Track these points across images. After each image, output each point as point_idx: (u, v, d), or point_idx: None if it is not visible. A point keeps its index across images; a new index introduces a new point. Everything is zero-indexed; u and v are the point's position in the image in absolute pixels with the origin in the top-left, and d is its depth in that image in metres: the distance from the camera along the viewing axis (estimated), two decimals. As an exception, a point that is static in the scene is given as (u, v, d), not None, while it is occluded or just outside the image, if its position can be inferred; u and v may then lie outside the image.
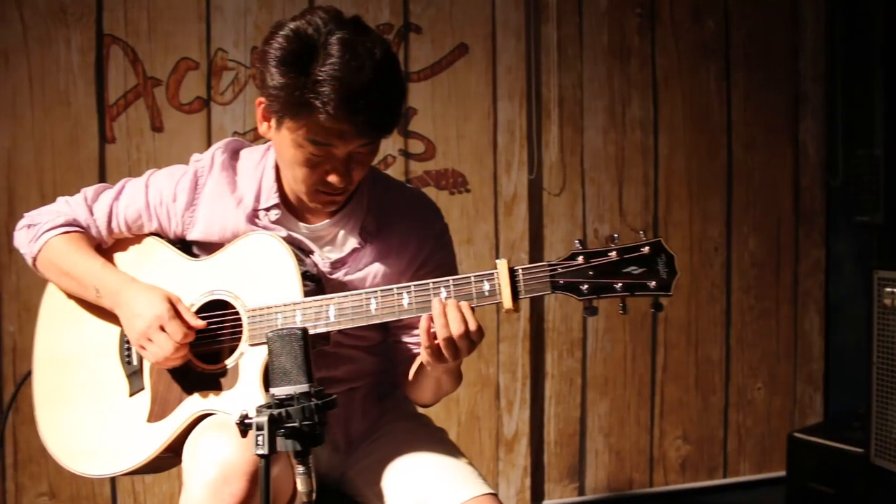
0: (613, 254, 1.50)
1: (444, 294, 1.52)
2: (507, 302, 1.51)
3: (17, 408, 2.13)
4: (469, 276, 1.53)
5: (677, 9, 3.16)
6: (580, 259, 1.51)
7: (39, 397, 1.79)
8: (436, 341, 1.51)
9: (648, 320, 3.19)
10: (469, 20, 2.97)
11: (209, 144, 2.72)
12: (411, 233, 1.74)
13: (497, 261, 1.52)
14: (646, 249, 1.50)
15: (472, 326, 1.50)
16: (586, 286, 1.50)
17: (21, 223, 1.80)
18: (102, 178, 2.71)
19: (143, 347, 1.64)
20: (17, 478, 2.75)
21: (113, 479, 2.76)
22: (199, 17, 2.79)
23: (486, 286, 1.52)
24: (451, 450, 1.78)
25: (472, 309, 1.52)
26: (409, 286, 1.54)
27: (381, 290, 1.56)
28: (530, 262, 1.55)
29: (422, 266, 1.72)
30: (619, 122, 3.13)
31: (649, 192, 3.17)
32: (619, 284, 1.49)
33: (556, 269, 1.51)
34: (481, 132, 2.98)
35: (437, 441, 1.79)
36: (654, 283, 1.49)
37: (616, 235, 1.52)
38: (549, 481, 3.13)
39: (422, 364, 1.66)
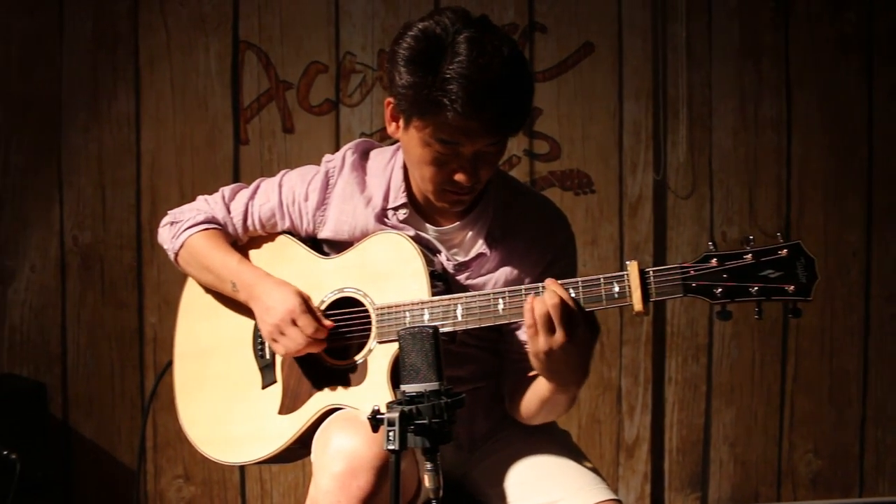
0: (749, 256, 1.44)
1: (572, 294, 1.51)
2: (638, 304, 1.48)
3: (157, 394, 2.25)
4: (598, 278, 1.51)
5: (814, 1, 3.03)
6: (713, 261, 1.46)
7: (179, 386, 1.88)
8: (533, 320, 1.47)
9: (778, 327, 3.06)
10: (595, 19, 2.93)
11: (337, 145, 2.81)
12: (536, 240, 1.73)
13: (627, 262, 1.49)
14: (784, 252, 1.43)
15: (568, 300, 1.46)
16: (720, 289, 1.45)
17: (164, 220, 1.90)
18: (236, 178, 2.83)
19: (274, 340, 1.69)
20: (157, 460, 2.91)
21: (242, 467, 2.87)
22: (329, 21, 2.87)
23: (616, 288, 1.50)
24: (575, 453, 1.76)
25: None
26: (538, 286, 1.53)
27: (510, 291, 1.56)
28: (655, 265, 1.51)
29: (543, 274, 1.69)
30: (750, 122, 3.02)
31: (781, 194, 3.04)
32: (756, 288, 1.44)
33: (688, 272, 1.47)
34: (607, 132, 2.94)
35: (561, 444, 1.78)
36: (792, 288, 1.43)
37: (751, 238, 1.47)
38: (671, 489, 3.06)
39: (533, 376, 1.64)
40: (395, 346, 1.60)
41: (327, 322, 1.68)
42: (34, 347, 2.90)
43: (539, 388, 1.63)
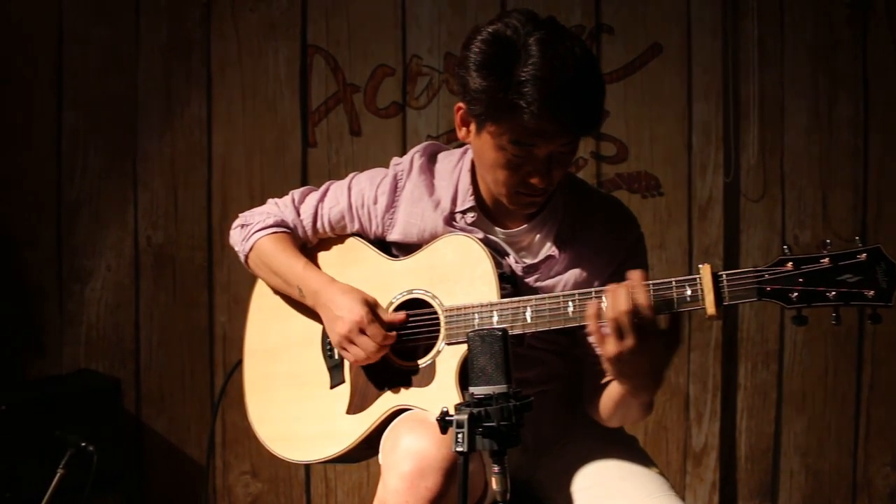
0: (826, 260, 1.41)
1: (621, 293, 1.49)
2: (711, 308, 1.45)
3: (226, 392, 2.29)
4: (670, 281, 1.49)
5: (895, -5, 2.93)
6: (789, 265, 1.43)
7: (248, 384, 1.91)
8: (603, 327, 1.47)
9: (854, 333, 2.96)
10: (663, 19, 2.89)
11: (404, 147, 2.83)
12: (605, 242, 1.71)
13: (700, 266, 1.47)
14: (863, 256, 1.39)
15: (644, 305, 1.44)
16: (796, 294, 1.42)
17: (235, 223, 1.93)
18: (305, 181, 2.87)
19: (344, 349, 1.72)
20: (225, 456, 2.97)
21: (308, 465, 2.90)
22: (396, 25, 2.89)
23: (688, 291, 1.48)
24: (644, 459, 1.73)
25: (649, 295, 1.46)
26: (608, 289, 1.52)
27: (579, 294, 1.55)
28: (725, 269, 1.49)
29: (613, 276, 1.67)
30: (824, 122, 2.93)
31: (857, 196, 2.94)
32: (833, 293, 1.40)
33: (762, 276, 1.44)
34: (675, 134, 2.89)
35: (629, 450, 1.76)
36: (872, 293, 1.38)
37: (828, 241, 1.43)
38: (740, 499, 2.99)
39: (610, 381, 1.63)
40: (464, 347, 1.61)
41: (398, 315, 1.70)
42: (109, 344, 2.99)
43: (612, 391, 1.63)
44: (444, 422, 1.30)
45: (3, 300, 2.96)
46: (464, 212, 1.72)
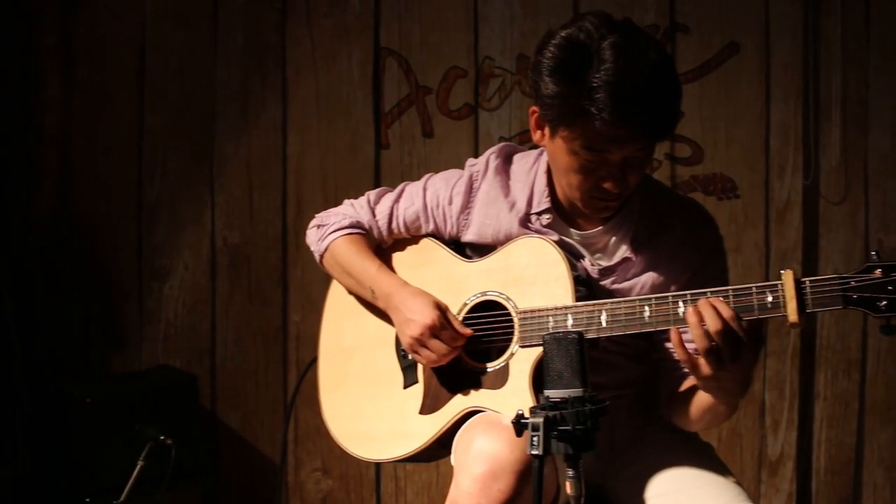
0: (919, 267, 1.36)
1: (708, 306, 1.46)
2: (793, 315, 1.42)
3: (299, 390, 2.33)
4: (750, 287, 1.46)
5: (985, -12, 2.81)
6: (877, 272, 1.38)
7: (322, 383, 1.94)
8: (693, 352, 1.45)
9: (942, 342, 2.86)
10: (740, 17, 2.82)
11: (476, 149, 2.83)
12: (683, 245, 1.68)
13: (782, 272, 1.44)
14: (959, 263, 1.34)
15: (730, 320, 1.40)
16: (885, 302, 1.37)
17: (312, 223, 1.96)
18: (378, 182, 2.90)
19: (415, 352, 1.73)
20: (297, 453, 3.02)
21: (379, 464, 2.93)
22: (468, 26, 2.89)
23: (770, 297, 1.44)
24: (719, 467, 1.70)
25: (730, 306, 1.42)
26: (686, 294, 1.49)
27: (656, 298, 1.53)
28: (805, 274, 1.45)
29: (692, 279, 1.65)
30: (912, 120, 2.84)
31: (947, 199, 2.84)
32: (926, 302, 1.35)
33: (848, 283, 1.40)
34: (752, 135, 2.82)
35: (705, 457, 1.73)
36: (968, 302, 1.33)
37: None
38: (817, 511, 2.91)
39: (692, 386, 1.61)
40: (538, 350, 1.61)
41: (467, 330, 1.70)
42: (186, 341, 3.07)
43: (700, 400, 1.60)
44: (519, 424, 1.30)
45: (87, 297, 3.07)
46: (539, 213, 1.72)
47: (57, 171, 3.09)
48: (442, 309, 1.71)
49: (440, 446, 1.75)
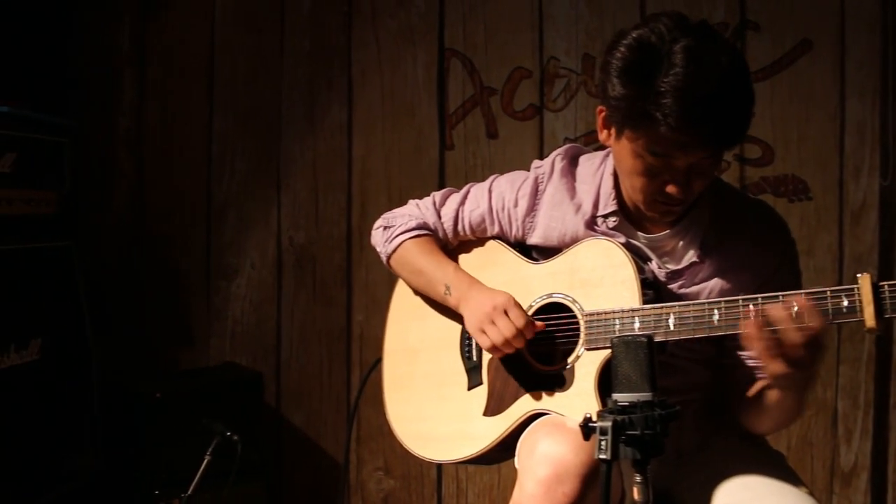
0: None
1: (795, 307, 1.42)
2: (870, 320, 1.37)
3: (363, 390, 2.35)
4: (825, 291, 1.42)
5: None
6: (961, 276, 1.33)
7: (387, 383, 1.95)
8: (762, 350, 1.43)
9: None
10: (813, 13, 2.75)
11: (541, 150, 2.82)
12: (754, 250, 1.65)
13: (858, 275, 1.39)
14: None
15: (807, 326, 1.39)
16: (969, 308, 1.32)
17: (377, 224, 1.97)
18: (442, 183, 2.91)
19: (483, 332, 1.70)
20: (359, 452, 3.04)
21: (440, 464, 2.94)
22: (532, 26, 2.88)
23: (845, 302, 1.40)
24: (790, 476, 1.66)
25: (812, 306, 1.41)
26: (756, 298, 1.46)
27: (726, 301, 1.49)
28: (881, 279, 1.40)
29: (763, 286, 1.60)
30: None
31: None
32: None
33: (928, 287, 1.35)
34: (825, 134, 2.75)
35: (776, 465, 1.69)
36: None
37: None
38: (894, 525, 2.81)
39: (763, 389, 1.58)
40: (604, 353, 1.59)
41: (538, 323, 1.69)
42: (252, 339, 3.12)
43: (769, 399, 1.59)
44: (587, 428, 1.29)
45: (157, 296, 3.15)
46: (605, 216, 1.70)
47: (131, 173, 3.18)
48: (514, 298, 1.71)
49: (504, 449, 1.74)
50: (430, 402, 1.85)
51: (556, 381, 1.67)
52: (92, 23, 3.17)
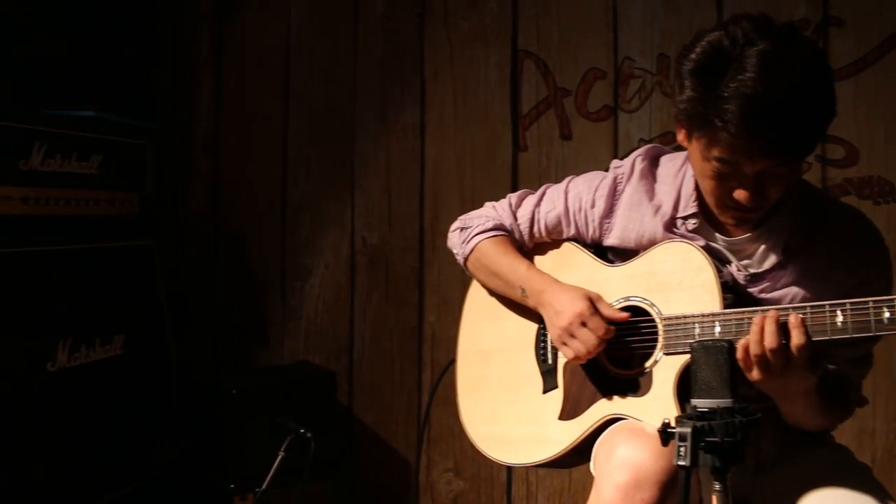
0: None
1: (886, 314, 1.38)
2: None
3: (436, 391, 2.35)
4: (867, 301, 1.38)
5: None
6: None
7: (461, 385, 1.96)
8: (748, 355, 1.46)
9: None
10: (902, 8, 2.66)
11: (615, 151, 2.78)
12: (841, 256, 1.59)
13: None
14: None
15: (796, 341, 1.42)
16: None
17: (454, 226, 1.98)
18: (515, 185, 2.90)
19: (563, 343, 1.71)
20: (430, 452, 3.06)
21: (510, 467, 2.93)
22: (607, 26, 2.85)
23: (886, 314, 1.36)
24: (878, 492, 1.59)
25: (804, 324, 1.42)
26: (845, 304, 1.42)
27: (812, 307, 1.45)
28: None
29: (850, 294, 1.55)
30: None
31: None
32: None
33: None
34: (914, 134, 2.65)
35: (861, 479, 1.63)
36: None
37: None
38: None
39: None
40: (682, 358, 1.57)
41: (621, 314, 1.67)
42: (326, 338, 3.16)
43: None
44: (665, 434, 1.27)
45: (234, 295, 3.22)
46: (685, 217, 1.67)
47: (208, 174, 3.26)
48: (593, 299, 1.70)
49: (578, 453, 1.73)
50: (505, 405, 1.84)
51: (634, 385, 1.65)
52: (172, 29, 3.27)
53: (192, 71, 3.26)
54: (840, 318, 1.42)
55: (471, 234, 1.90)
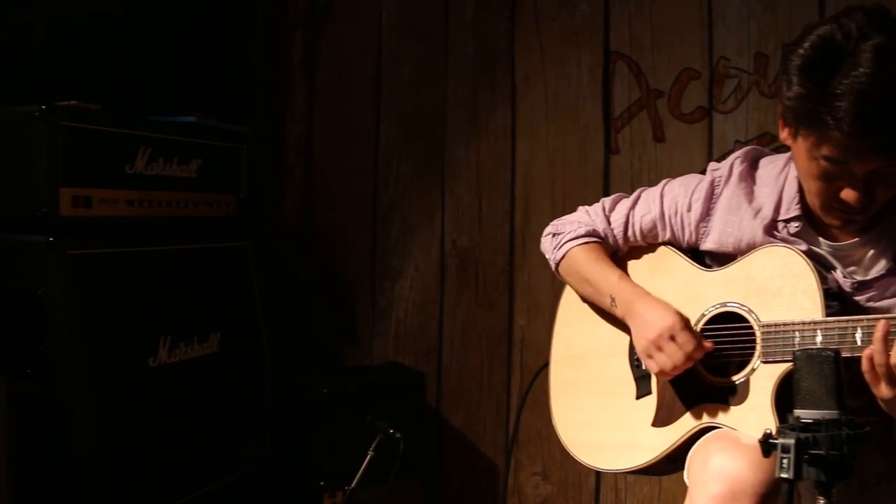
0: None
1: None
2: None
3: (528, 395, 2.34)
4: None
5: None
6: None
7: (554, 389, 1.95)
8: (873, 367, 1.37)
9: None
10: None
11: (710, 154, 2.72)
12: None
13: None
14: None
15: None
16: None
17: (547, 231, 1.97)
18: (606, 188, 2.86)
19: (650, 357, 1.68)
20: (517, 455, 3.04)
21: (598, 472, 2.89)
22: (701, 25, 2.78)
23: None
24: None
25: None
26: None
27: (924, 317, 1.39)
28: None
29: None
30: None
31: None
32: None
33: None
34: None
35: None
36: None
37: None
38: None
39: None
40: (781, 367, 1.52)
41: (707, 344, 1.64)
42: (415, 340, 3.19)
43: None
44: (767, 445, 1.23)
45: (325, 295, 3.28)
46: (787, 221, 1.62)
47: (301, 177, 3.33)
48: (684, 318, 1.66)
49: (670, 461, 1.70)
50: (597, 410, 1.83)
51: (730, 394, 1.61)
52: (267, 35, 3.35)
53: (286, 76, 3.34)
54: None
55: (562, 240, 1.89)
